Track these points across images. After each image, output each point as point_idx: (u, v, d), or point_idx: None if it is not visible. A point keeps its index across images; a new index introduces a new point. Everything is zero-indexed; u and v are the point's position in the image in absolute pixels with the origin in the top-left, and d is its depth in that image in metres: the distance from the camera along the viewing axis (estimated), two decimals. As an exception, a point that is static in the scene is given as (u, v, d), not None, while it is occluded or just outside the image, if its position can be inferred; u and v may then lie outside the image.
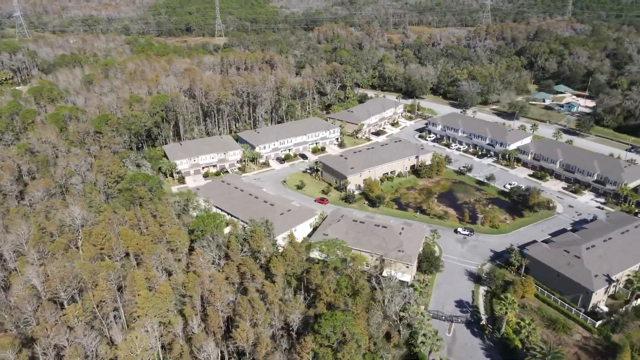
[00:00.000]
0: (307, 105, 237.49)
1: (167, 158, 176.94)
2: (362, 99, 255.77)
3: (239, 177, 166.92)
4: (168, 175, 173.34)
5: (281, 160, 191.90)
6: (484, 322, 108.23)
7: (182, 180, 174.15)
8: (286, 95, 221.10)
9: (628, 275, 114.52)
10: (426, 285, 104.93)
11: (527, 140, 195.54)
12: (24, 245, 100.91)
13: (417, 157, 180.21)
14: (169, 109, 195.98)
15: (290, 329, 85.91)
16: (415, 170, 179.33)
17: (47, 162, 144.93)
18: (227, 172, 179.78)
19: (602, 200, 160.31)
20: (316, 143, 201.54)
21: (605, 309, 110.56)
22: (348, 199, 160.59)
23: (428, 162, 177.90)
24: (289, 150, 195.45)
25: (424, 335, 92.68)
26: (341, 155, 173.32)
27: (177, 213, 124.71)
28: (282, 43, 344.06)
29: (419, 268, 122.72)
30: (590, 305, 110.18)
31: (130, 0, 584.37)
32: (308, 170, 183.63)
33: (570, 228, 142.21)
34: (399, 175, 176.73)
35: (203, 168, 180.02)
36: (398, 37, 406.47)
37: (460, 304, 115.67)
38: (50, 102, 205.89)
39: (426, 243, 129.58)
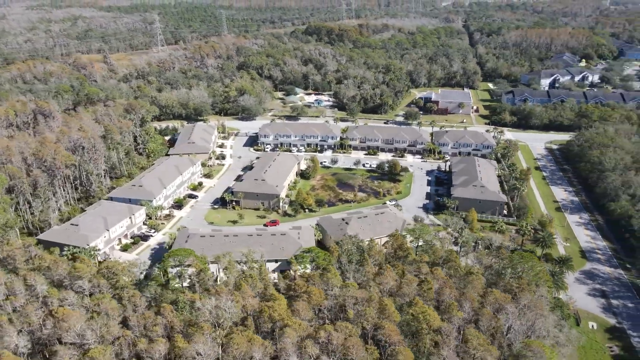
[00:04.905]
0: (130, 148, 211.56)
1: (68, 245, 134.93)
2: (163, 131, 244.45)
3: (198, 230, 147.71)
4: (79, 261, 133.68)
5: (178, 207, 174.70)
6: (480, 246, 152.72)
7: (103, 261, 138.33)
8: (121, 141, 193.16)
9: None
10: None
11: (339, 132, 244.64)
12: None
13: (298, 163, 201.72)
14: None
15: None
16: (302, 174, 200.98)
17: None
18: (145, 236, 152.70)
19: (420, 156, 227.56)
20: (191, 180, 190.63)
21: (506, 212, 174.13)
22: (289, 214, 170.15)
23: (311, 165, 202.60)
24: (174, 194, 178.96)
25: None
26: (256, 179, 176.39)
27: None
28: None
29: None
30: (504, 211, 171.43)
31: None
32: (216, 206, 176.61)
33: (432, 178, 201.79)
34: (295, 182, 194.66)
35: (117, 241, 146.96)
36: (99, 68, 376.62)
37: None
38: None
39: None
